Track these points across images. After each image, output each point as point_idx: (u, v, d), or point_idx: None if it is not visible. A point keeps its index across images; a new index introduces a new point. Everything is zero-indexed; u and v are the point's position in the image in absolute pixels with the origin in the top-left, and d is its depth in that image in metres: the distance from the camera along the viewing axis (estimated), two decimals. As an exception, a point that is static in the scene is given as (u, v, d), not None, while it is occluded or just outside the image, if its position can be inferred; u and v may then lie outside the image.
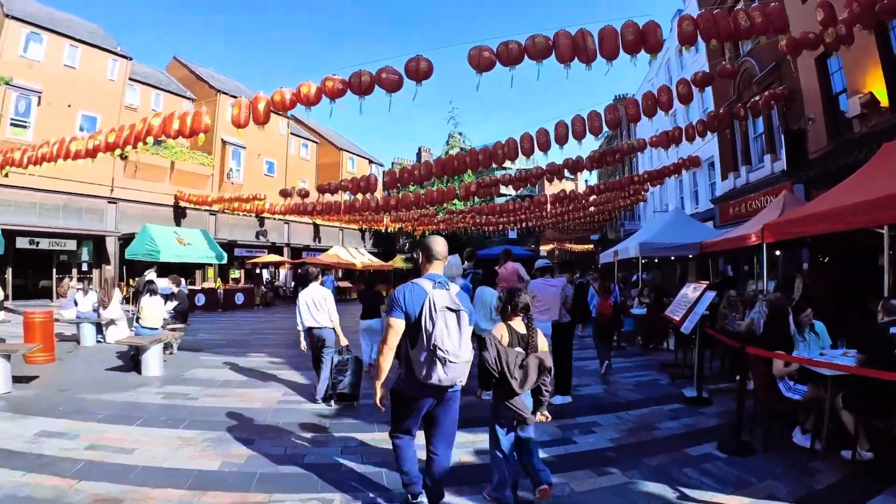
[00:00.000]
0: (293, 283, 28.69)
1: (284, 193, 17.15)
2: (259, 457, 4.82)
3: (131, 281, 20.14)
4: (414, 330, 3.25)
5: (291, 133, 33.08)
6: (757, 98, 12.36)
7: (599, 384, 8.16)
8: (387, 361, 3.36)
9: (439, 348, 3.10)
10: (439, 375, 3.14)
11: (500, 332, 3.72)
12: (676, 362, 9.05)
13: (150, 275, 14.32)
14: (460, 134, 37.69)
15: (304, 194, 16.80)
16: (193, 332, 13.64)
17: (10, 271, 19.40)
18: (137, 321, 9.25)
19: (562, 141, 8.99)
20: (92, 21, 25.42)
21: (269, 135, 29.72)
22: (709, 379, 7.66)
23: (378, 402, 3.46)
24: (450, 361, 3.11)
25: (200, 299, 21.05)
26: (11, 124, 18.59)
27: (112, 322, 11.37)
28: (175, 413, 6.21)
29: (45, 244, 20.35)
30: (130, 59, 23.12)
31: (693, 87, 9.25)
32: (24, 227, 18.75)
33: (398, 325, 3.28)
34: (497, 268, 8.33)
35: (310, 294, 6.77)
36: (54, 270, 21.09)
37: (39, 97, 19.36)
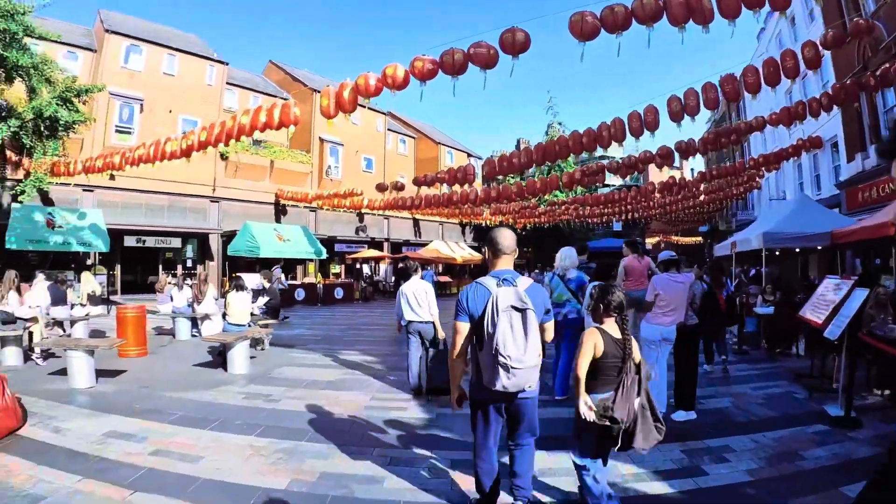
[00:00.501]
0: (393, 278, 28.96)
1: (381, 188, 17.72)
2: (333, 475, 4.25)
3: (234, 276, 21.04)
4: (477, 332, 3.15)
5: (389, 129, 33.57)
6: (887, 66, 10.51)
7: (725, 395, 6.96)
8: (457, 367, 3.32)
9: (500, 353, 2.94)
10: (503, 382, 2.98)
11: (594, 338, 3.35)
12: (812, 372, 7.70)
13: (277, 271, 15.07)
14: (560, 124, 36.90)
15: (400, 187, 17.32)
16: (289, 326, 13.83)
17: (118, 268, 21.27)
18: (224, 317, 9.19)
19: (676, 117, 8.41)
20: (188, 33, 27.11)
21: (366, 131, 30.71)
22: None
23: (454, 401, 3.40)
24: (512, 367, 2.94)
25: (300, 294, 21.62)
26: (116, 130, 20.22)
27: (207, 317, 11.59)
28: (252, 417, 5.85)
29: (151, 242, 21.96)
30: (227, 64, 24.46)
31: (821, 49, 8.40)
32: (132, 226, 20.39)
33: (463, 329, 3.19)
34: (627, 260, 7.72)
35: (410, 287, 6.84)
36: (160, 267, 22.70)
37: (141, 104, 20.94)
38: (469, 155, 40.19)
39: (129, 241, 21.04)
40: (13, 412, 5.15)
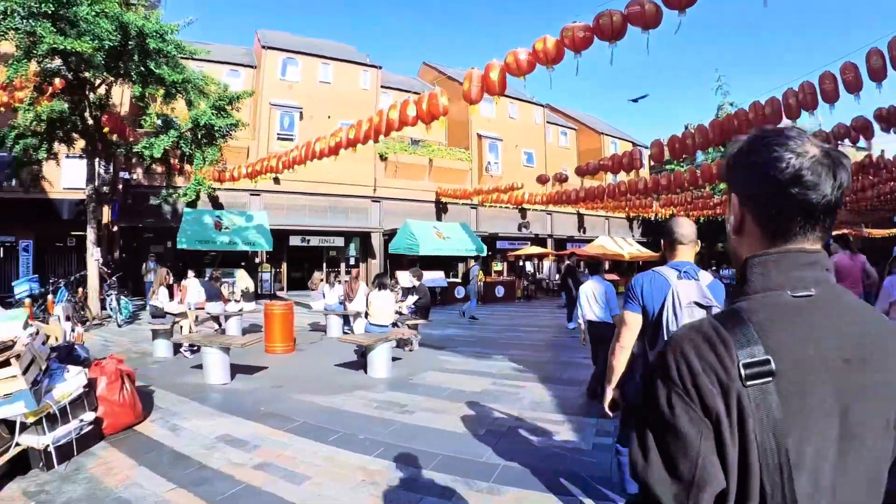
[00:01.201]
0: (557, 276, 27.81)
1: (542, 179, 17.44)
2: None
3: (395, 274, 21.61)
4: (652, 328, 2.85)
5: (548, 122, 32.61)
6: None
7: None
8: (619, 363, 2.98)
9: None
10: None
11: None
12: None
13: (475, 269, 15.82)
14: (731, 104, 33.27)
15: (563, 179, 16.73)
16: (443, 325, 13.48)
17: (284, 266, 22.96)
18: (366, 316, 8.81)
19: (877, 76, 7.26)
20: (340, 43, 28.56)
21: (524, 124, 30.28)
22: None
23: (607, 406, 2.99)
24: None
25: (460, 292, 21.52)
26: (278, 138, 21.78)
27: (358, 314, 11.46)
28: (378, 431, 5.19)
29: (315, 241, 23.36)
30: (380, 67, 25.32)
31: None
32: (296, 226, 21.94)
33: (633, 322, 2.93)
34: (837, 257, 6.79)
35: (590, 286, 6.81)
36: (324, 265, 23.88)
37: (301, 112, 22.43)
38: (634, 144, 37.57)
39: (295, 241, 22.56)
40: (131, 408, 5.08)
